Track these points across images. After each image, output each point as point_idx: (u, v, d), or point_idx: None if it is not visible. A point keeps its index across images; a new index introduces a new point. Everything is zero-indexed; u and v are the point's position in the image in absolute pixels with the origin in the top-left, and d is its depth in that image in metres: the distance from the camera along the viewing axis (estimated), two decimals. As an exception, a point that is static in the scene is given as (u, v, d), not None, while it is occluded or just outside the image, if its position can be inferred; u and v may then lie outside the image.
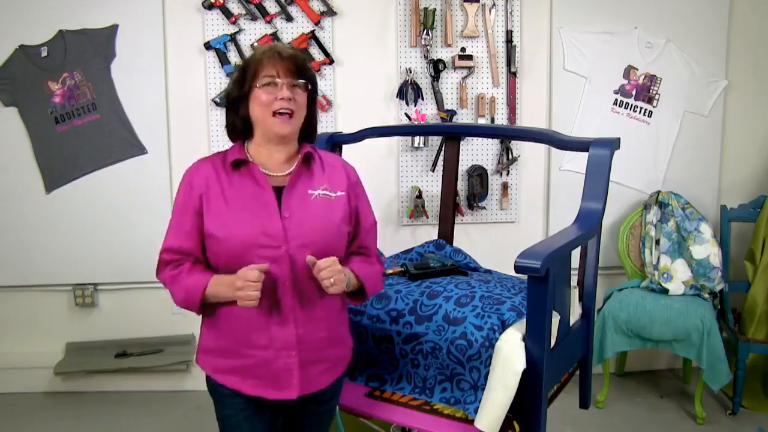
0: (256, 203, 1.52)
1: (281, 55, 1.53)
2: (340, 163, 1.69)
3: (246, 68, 1.56)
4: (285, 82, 1.52)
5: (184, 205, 1.54)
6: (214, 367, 1.58)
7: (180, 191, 1.57)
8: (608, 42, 3.28)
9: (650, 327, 2.94)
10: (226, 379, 1.56)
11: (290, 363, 1.52)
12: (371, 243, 1.71)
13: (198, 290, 1.50)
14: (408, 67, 3.20)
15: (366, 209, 1.69)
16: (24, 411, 3.17)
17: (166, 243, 1.56)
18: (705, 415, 2.98)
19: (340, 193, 1.61)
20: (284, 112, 1.52)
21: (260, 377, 1.53)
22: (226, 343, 1.55)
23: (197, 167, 1.58)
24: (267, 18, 3.13)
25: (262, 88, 1.52)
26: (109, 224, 3.23)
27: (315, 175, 1.60)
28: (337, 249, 1.58)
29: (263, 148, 1.59)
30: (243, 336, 1.53)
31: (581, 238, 1.82)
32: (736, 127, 3.40)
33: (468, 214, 3.33)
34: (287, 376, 1.53)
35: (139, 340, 3.33)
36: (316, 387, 1.59)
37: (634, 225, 3.30)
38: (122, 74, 3.15)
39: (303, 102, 1.56)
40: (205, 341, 1.61)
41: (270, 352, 1.52)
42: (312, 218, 1.54)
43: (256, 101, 1.53)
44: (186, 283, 1.51)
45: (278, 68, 1.52)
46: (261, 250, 1.47)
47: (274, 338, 1.51)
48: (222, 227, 1.50)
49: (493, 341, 1.69)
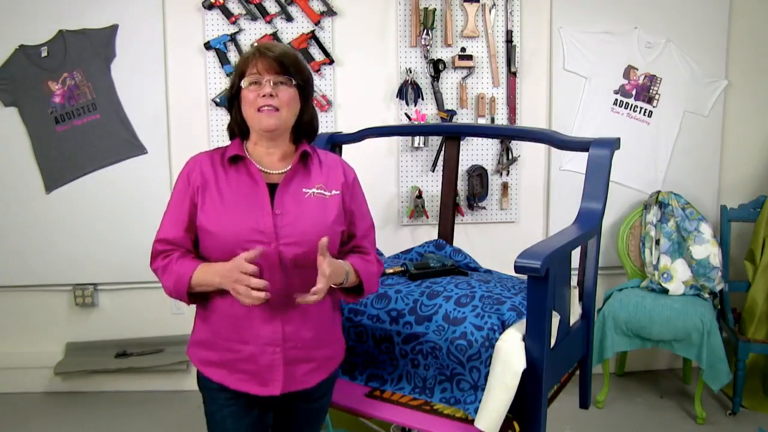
0: (250, 199, 1.53)
1: (264, 54, 1.54)
2: (338, 163, 1.68)
3: (236, 69, 1.59)
4: (267, 79, 1.53)
5: (180, 197, 1.56)
6: (202, 359, 1.59)
7: (177, 183, 1.58)
8: (608, 42, 3.28)
9: (650, 327, 2.94)
10: (212, 372, 1.57)
11: (275, 360, 1.52)
12: (369, 245, 1.70)
13: (185, 277, 1.50)
14: (408, 67, 3.20)
15: (363, 211, 1.69)
16: (24, 411, 3.17)
17: (160, 233, 1.57)
18: (705, 415, 2.98)
19: (335, 192, 1.60)
20: (267, 108, 1.53)
21: (245, 372, 1.54)
22: (214, 335, 1.56)
23: (196, 160, 1.59)
24: (267, 18, 3.13)
25: (248, 88, 1.54)
26: (109, 224, 3.23)
27: (312, 175, 1.60)
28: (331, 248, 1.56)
29: (259, 146, 1.60)
30: (230, 329, 1.53)
31: (581, 238, 1.82)
32: (736, 127, 3.40)
33: (468, 214, 3.33)
34: (271, 372, 1.53)
35: (139, 340, 3.34)
36: (302, 386, 1.58)
37: (634, 225, 3.30)
38: (122, 74, 3.15)
39: (288, 98, 1.55)
40: (196, 333, 1.61)
41: (255, 347, 1.52)
42: (305, 216, 1.53)
43: (244, 101, 1.55)
44: (174, 270, 1.52)
45: (260, 66, 1.53)
46: (251, 246, 1.47)
47: (260, 334, 1.52)
48: (215, 222, 1.51)
49: (493, 341, 1.69)
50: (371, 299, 1.91)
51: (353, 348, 1.92)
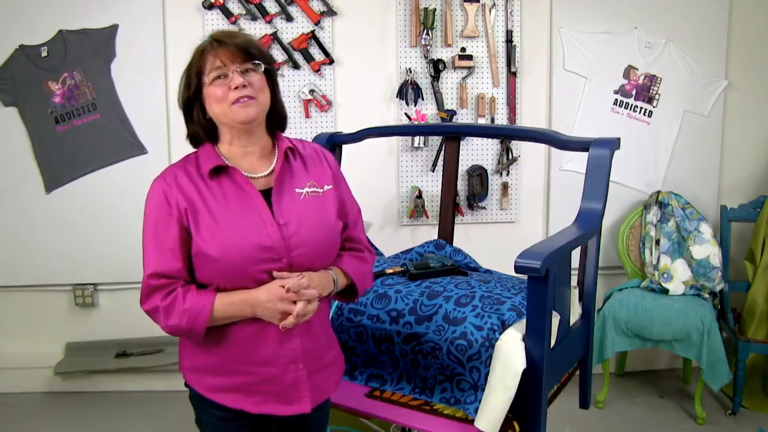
0: (246, 213, 1.38)
1: (222, 42, 1.39)
2: (318, 153, 1.56)
3: (190, 68, 1.44)
4: (234, 68, 1.38)
5: (164, 223, 1.38)
6: (210, 386, 1.45)
7: (152, 206, 1.40)
8: (608, 42, 3.28)
9: (650, 327, 2.94)
10: (225, 398, 1.43)
11: (299, 377, 1.44)
12: (360, 233, 1.60)
13: (204, 313, 1.34)
14: (408, 67, 3.20)
15: (350, 199, 1.59)
16: (24, 411, 3.17)
17: (149, 267, 1.37)
18: (705, 415, 2.98)
19: (328, 187, 1.50)
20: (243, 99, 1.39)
21: (267, 393, 1.43)
22: (222, 361, 1.43)
23: (168, 177, 1.42)
24: (267, 18, 3.13)
25: (213, 84, 1.39)
26: (109, 224, 3.22)
27: (296, 172, 1.48)
28: (335, 248, 1.50)
29: (235, 146, 1.45)
30: (243, 353, 1.41)
31: (581, 238, 1.82)
32: (736, 127, 3.40)
33: (468, 214, 3.33)
34: (297, 389, 1.44)
35: (139, 340, 3.33)
36: (326, 394, 1.53)
37: (634, 225, 3.30)
38: (122, 74, 3.15)
39: (261, 84, 1.41)
40: (195, 358, 1.46)
41: (276, 367, 1.42)
42: (308, 221, 1.42)
43: (211, 99, 1.40)
44: (185, 309, 1.35)
45: (222, 57, 1.39)
46: (260, 265, 1.36)
47: (280, 353, 1.41)
48: (214, 245, 1.35)
49: (493, 341, 1.69)
50: (371, 299, 1.92)
51: (353, 348, 1.92)
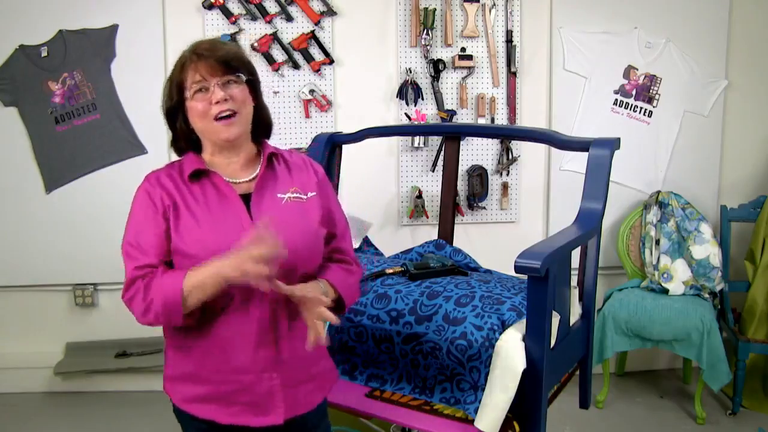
0: (225, 215, 1.38)
1: (201, 55, 1.37)
2: (306, 162, 1.55)
3: (171, 80, 1.42)
4: (215, 82, 1.37)
5: (148, 219, 1.38)
6: (186, 397, 1.42)
7: (138, 205, 1.42)
8: (608, 42, 3.28)
9: (650, 327, 2.94)
10: (199, 409, 1.40)
11: (273, 386, 1.39)
12: (348, 246, 1.59)
13: (177, 286, 1.31)
14: (408, 67, 3.20)
15: (338, 210, 1.58)
16: (24, 411, 3.17)
17: (132, 263, 1.37)
18: (705, 415, 2.98)
19: (312, 194, 1.49)
20: (225, 115, 1.38)
21: (241, 404, 1.39)
22: (196, 367, 1.40)
23: (154, 181, 1.44)
24: (267, 18, 3.13)
25: (194, 98, 1.38)
26: (109, 224, 3.18)
27: (280, 178, 1.47)
28: (316, 255, 1.47)
29: (217, 157, 1.45)
30: (219, 359, 1.38)
31: (581, 238, 1.82)
32: (736, 127, 3.40)
33: (468, 214, 3.32)
34: (271, 399, 1.40)
35: (139, 340, 3.33)
36: (306, 408, 1.46)
37: (634, 225, 3.30)
38: (122, 74, 3.15)
39: (243, 97, 1.40)
40: (173, 366, 1.44)
41: (251, 375, 1.38)
42: (288, 225, 1.38)
43: (193, 113, 1.40)
44: (161, 284, 1.33)
45: (202, 71, 1.37)
46: None
47: (254, 360, 1.38)
48: (193, 244, 1.35)
49: (493, 341, 1.69)
50: (371, 299, 1.91)
51: (353, 348, 1.92)
